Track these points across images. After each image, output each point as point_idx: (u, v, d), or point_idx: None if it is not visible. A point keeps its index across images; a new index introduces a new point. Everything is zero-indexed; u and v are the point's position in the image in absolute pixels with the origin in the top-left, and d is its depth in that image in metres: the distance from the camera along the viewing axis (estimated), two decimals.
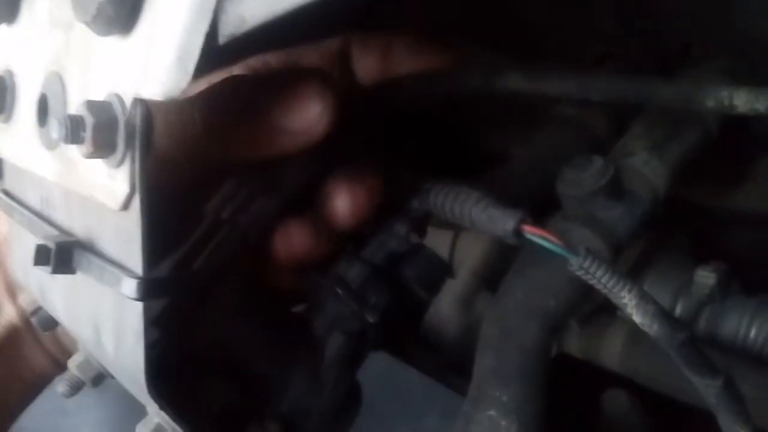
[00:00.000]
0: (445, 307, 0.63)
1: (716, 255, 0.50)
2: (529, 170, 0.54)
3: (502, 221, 0.40)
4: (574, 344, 0.57)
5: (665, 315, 0.35)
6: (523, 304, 0.44)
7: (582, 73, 0.45)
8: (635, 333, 0.54)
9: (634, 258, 0.54)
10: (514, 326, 0.45)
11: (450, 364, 0.63)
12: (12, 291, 0.55)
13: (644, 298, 0.35)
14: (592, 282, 0.36)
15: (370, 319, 0.44)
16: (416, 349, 0.67)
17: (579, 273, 0.36)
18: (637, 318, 0.35)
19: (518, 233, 0.39)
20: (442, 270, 0.47)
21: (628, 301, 0.35)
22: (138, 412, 0.40)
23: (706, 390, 0.37)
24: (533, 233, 0.38)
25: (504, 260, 0.62)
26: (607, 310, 0.55)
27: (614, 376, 0.56)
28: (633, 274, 0.53)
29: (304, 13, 0.29)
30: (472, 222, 0.42)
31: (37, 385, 0.58)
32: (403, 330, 0.61)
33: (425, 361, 0.68)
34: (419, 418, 0.73)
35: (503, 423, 0.41)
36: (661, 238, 0.54)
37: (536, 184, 0.53)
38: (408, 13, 0.59)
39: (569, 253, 0.36)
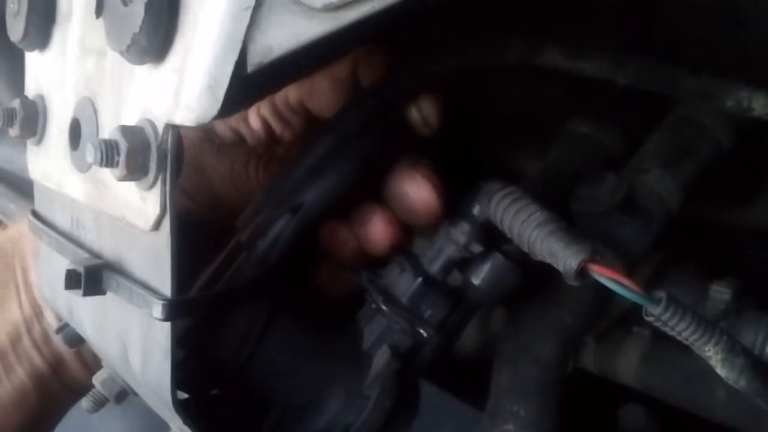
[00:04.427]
0: None
1: (730, 271, 0.51)
2: (544, 186, 0.55)
3: (563, 257, 0.34)
4: (589, 360, 0.57)
5: (756, 369, 0.32)
6: (540, 320, 0.45)
7: (616, 55, 0.45)
8: (651, 348, 0.54)
9: (648, 274, 0.54)
10: (531, 342, 0.45)
11: (466, 379, 0.63)
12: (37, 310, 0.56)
13: (733, 351, 0.32)
14: (671, 333, 0.32)
15: (424, 333, 0.41)
16: (433, 366, 0.67)
17: (657, 324, 0.32)
18: (722, 372, 0.32)
19: (583, 273, 0.33)
20: (514, 277, 0.42)
21: (713, 354, 0.32)
22: (160, 429, 0.41)
23: None
24: (603, 275, 0.32)
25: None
26: (623, 325, 0.56)
27: (630, 391, 0.56)
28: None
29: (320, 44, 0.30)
30: (530, 247, 0.37)
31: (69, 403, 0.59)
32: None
33: (441, 375, 0.68)
34: None
35: None
36: (674, 254, 0.55)
37: (550, 201, 0.53)
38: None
39: (647, 301, 0.32)
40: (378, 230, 0.44)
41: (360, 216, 0.45)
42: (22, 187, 0.99)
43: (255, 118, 0.50)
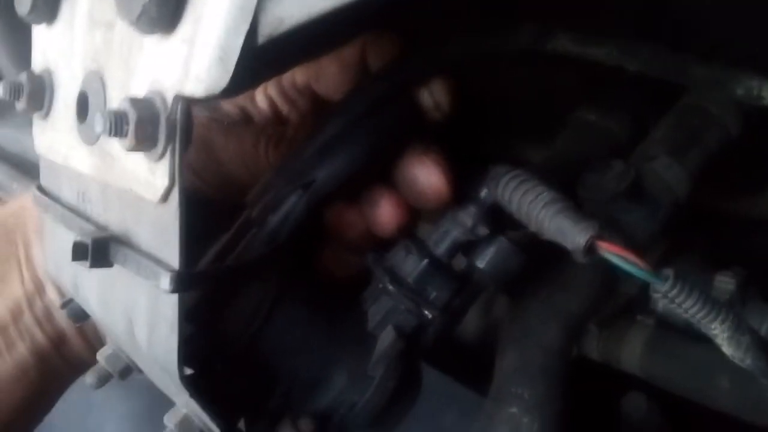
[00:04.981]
0: None
1: (736, 259, 0.51)
2: (550, 173, 0.55)
3: (572, 234, 0.34)
4: (593, 347, 0.57)
5: (762, 348, 0.32)
6: (545, 303, 0.45)
7: (626, 42, 0.45)
8: (655, 336, 0.54)
9: (654, 262, 0.54)
10: (536, 326, 0.45)
11: (468, 365, 0.63)
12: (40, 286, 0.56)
13: (739, 329, 0.32)
14: (678, 311, 0.33)
15: (429, 315, 0.42)
16: (435, 348, 0.67)
17: (663, 301, 0.33)
18: (728, 350, 0.32)
19: (591, 250, 0.33)
20: (519, 262, 0.42)
21: (719, 333, 0.32)
22: (163, 407, 0.41)
23: None
24: (611, 252, 0.33)
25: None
26: (627, 313, 0.56)
27: (633, 379, 0.56)
28: None
29: (331, 17, 0.30)
30: (538, 227, 0.37)
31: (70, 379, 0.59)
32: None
33: (444, 361, 0.68)
34: (438, 416, 0.73)
35: (525, 420, 0.41)
36: (680, 242, 0.54)
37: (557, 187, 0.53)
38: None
39: (654, 278, 0.32)
40: (386, 212, 0.44)
41: (369, 198, 0.45)
42: (26, 168, 0.99)
43: (262, 97, 0.50)
